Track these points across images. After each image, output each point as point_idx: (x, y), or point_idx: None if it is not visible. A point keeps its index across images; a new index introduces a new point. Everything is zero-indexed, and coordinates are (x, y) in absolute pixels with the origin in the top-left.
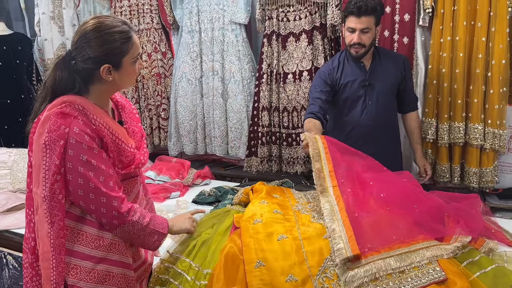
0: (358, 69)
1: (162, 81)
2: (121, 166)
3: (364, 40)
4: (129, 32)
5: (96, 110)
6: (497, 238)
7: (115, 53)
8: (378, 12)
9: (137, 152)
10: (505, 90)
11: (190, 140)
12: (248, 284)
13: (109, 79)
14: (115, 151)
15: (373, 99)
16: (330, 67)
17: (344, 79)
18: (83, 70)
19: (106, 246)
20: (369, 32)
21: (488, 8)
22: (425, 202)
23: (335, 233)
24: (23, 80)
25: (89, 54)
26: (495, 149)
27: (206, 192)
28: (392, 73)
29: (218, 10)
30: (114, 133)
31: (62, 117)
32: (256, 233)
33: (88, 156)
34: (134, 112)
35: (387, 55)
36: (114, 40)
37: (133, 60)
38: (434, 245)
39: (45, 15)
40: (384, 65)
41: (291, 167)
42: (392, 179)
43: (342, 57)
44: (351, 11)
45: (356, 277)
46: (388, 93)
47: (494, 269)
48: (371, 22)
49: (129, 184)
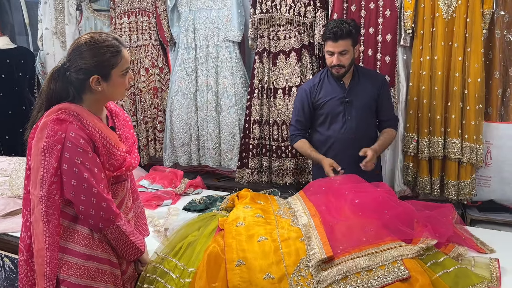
0: (338, 86)
1: (159, 95)
2: (112, 168)
3: (343, 61)
4: (119, 47)
5: (89, 116)
6: (467, 244)
7: (104, 65)
8: (353, 35)
9: (128, 156)
10: (481, 106)
11: (185, 151)
12: (229, 281)
13: (98, 89)
14: (106, 154)
15: (352, 114)
16: (311, 84)
17: (324, 96)
18: (76, 80)
19: (96, 244)
20: (347, 54)
21: (464, 30)
22: (395, 208)
23: (311, 241)
24: (24, 92)
25: (80, 66)
26: (473, 162)
27: (197, 200)
28: (369, 91)
29: (213, 28)
30: (106, 137)
31: (59, 123)
32: (238, 235)
33: (83, 158)
34: (127, 119)
35: (366, 73)
36: (104, 53)
37: (122, 73)
38: (400, 246)
39: (48, 31)
40: (362, 83)
41: (280, 178)
42: (367, 188)
43: (323, 74)
44: (328, 36)
45: (328, 276)
46: (366, 109)
47: (456, 270)
48: (348, 45)
49: (117, 189)
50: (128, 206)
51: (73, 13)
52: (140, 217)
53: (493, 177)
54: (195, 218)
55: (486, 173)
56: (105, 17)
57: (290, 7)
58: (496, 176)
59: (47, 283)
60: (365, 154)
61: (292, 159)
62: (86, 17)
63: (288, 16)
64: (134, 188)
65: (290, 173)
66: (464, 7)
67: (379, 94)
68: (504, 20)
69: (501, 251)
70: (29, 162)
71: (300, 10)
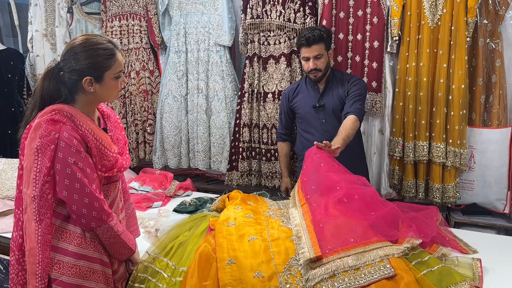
0: (313, 91)
1: (149, 98)
2: (104, 169)
3: (318, 65)
4: (114, 50)
5: (82, 117)
6: (451, 245)
7: (97, 67)
8: (325, 39)
9: (120, 157)
10: (465, 112)
11: (174, 154)
12: (220, 280)
13: (91, 90)
14: (98, 155)
15: (326, 118)
16: (290, 88)
17: (300, 100)
18: (69, 80)
19: (88, 244)
20: (322, 58)
21: (449, 37)
22: (381, 209)
23: (301, 240)
24: (14, 94)
25: (74, 66)
26: (456, 166)
27: (187, 202)
28: (341, 93)
29: (204, 33)
30: (98, 139)
31: (52, 124)
32: (229, 235)
33: (76, 159)
34: (118, 121)
35: (340, 77)
36: (98, 55)
37: (115, 75)
38: (386, 246)
39: (38, 33)
40: (334, 87)
41: (269, 181)
42: (354, 183)
43: (302, 80)
44: (301, 43)
45: (317, 275)
46: (338, 112)
47: (440, 268)
48: (322, 49)
49: (108, 189)
50: (119, 207)
51: (63, 16)
52: (131, 218)
53: (476, 181)
54: (186, 218)
55: (470, 177)
56: (96, 20)
57: (280, 13)
58: (479, 180)
59: (38, 282)
60: None
61: None
62: (77, 19)
63: (278, 22)
64: (125, 189)
65: (280, 176)
66: (449, 16)
67: (347, 91)
68: (487, 28)
69: (483, 251)
70: (22, 162)
71: (290, 16)
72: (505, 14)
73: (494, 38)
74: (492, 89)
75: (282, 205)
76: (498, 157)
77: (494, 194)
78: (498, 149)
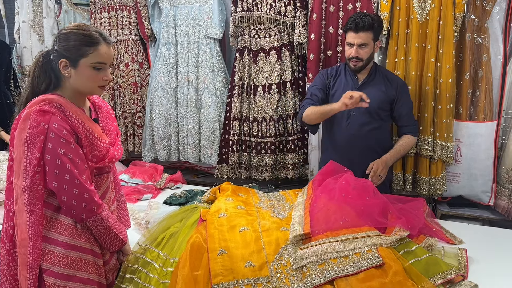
0: (351, 81)
1: (138, 90)
2: (95, 160)
3: (361, 54)
4: (98, 39)
5: (72, 108)
6: (438, 236)
7: (73, 51)
8: (375, 29)
9: (111, 147)
10: (452, 106)
11: (164, 147)
12: (211, 270)
13: (66, 74)
14: (89, 146)
15: (358, 111)
16: (329, 72)
17: (336, 88)
18: (53, 62)
19: (79, 234)
20: (367, 47)
21: (437, 32)
22: (373, 198)
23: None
24: (0, 85)
25: (56, 47)
26: (443, 159)
27: (177, 194)
28: (383, 91)
29: (194, 25)
30: (89, 129)
31: (42, 115)
32: (220, 225)
33: (66, 149)
34: (110, 112)
35: (385, 74)
36: (78, 39)
37: (92, 65)
38: (375, 235)
39: (25, 24)
40: (376, 83)
41: (259, 174)
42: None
43: (341, 67)
44: (349, 26)
45: (304, 255)
46: (374, 109)
47: (427, 258)
48: (369, 38)
49: (100, 180)
50: (111, 198)
51: (51, 7)
52: (122, 209)
53: (463, 174)
54: (177, 210)
55: (456, 169)
56: (84, 11)
57: (270, 6)
58: (465, 172)
59: (29, 272)
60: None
61: (271, 155)
62: (65, 10)
63: (268, 15)
64: (117, 180)
65: (269, 169)
66: (437, 10)
67: (395, 98)
68: (474, 24)
69: (468, 242)
70: (12, 153)
71: (281, 9)
72: (492, 9)
73: (481, 33)
74: (479, 84)
75: (273, 197)
76: (484, 150)
77: (479, 186)
78: (484, 143)
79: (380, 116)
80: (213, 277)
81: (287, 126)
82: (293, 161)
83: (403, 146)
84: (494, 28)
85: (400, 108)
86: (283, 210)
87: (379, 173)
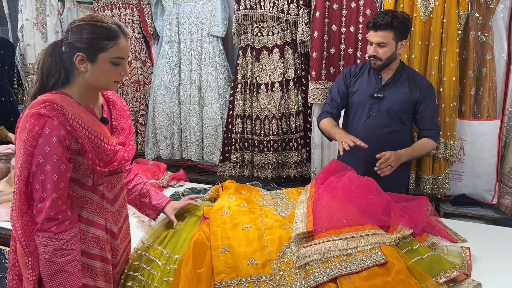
0: (374, 80)
1: (141, 88)
2: (103, 164)
3: (379, 53)
4: (117, 32)
5: (75, 109)
6: (441, 234)
7: (92, 45)
8: (395, 28)
9: (122, 148)
10: (455, 104)
11: (167, 145)
12: (214, 267)
13: (82, 69)
14: (94, 150)
15: (378, 111)
16: (351, 70)
17: (358, 86)
18: (66, 56)
19: (88, 239)
20: (386, 47)
21: (441, 30)
22: (377, 196)
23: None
24: (4, 83)
25: (70, 39)
26: (446, 158)
27: (180, 192)
28: (407, 93)
29: (197, 23)
30: (93, 132)
31: (37, 119)
32: (223, 223)
33: (45, 159)
34: (125, 109)
35: (411, 75)
36: (97, 32)
37: (111, 60)
38: (378, 233)
39: (28, 22)
40: (401, 83)
41: (262, 172)
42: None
43: (365, 65)
44: (369, 25)
45: (307, 254)
46: (395, 110)
47: (430, 256)
48: (388, 37)
49: (113, 180)
50: (125, 202)
51: (54, 5)
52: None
53: (466, 172)
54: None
55: (459, 168)
56: (87, 9)
57: (273, 4)
58: (469, 171)
59: (30, 273)
60: (381, 156)
61: (273, 154)
62: (68, 8)
63: (271, 13)
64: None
65: (272, 167)
66: (441, 9)
67: (419, 100)
68: (478, 22)
69: (472, 241)
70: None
71: (284, 7)
72: (496, 7)
73: (485, 31)
74: (483, 82)
75: (276, 195)
76: (487, 149)
77: (482, 185)
78: (487, 141)
79: (401, 118)
80: (216, 274)
81: (290, 124)
82: (296, 159)
83: (420, 146)
84: (498, 26)
85: (424, 111)
86: (286, 208)
87: (390, 162)
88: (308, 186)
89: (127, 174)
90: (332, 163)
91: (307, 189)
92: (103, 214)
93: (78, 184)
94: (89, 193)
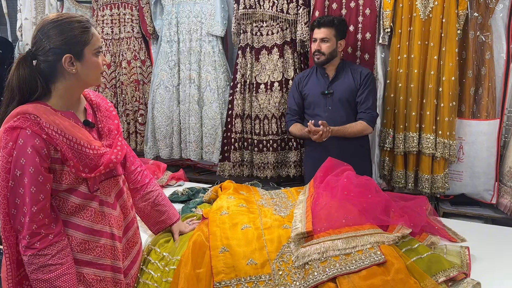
0: (322, 79)
1: (141, 88)
2: (87, 170)
3: (323, 48)
4: (88, 23)
5: (50, 116)
6: (440, 234)
7: (75, 42)
8: (336, 25)
9: (108, 151)
10: (454, 104)
11: (166, 144)
12: (213, 267)
13: (73, 71)
14: (75, 156)
15: (332, 105)
16: (302, 76)
17: (309, 87)
18: (45, 65)
19: (92, 249)
20: (328, 42)
21: (440, 30)
22: (376, 196)
23: (296, 216)
24: (2, 82)
25: (49, 45)
26: (446, 157)
27: (179, 192)
28: (351, 84)
29: (196, 23)
30: (72, 138)
31: (10, 133)
32: (222, 223)
33: (22, 172)
34: (110, 109)
35: (352, 68)
36: (73, 28)
37: (95, 51)
38: (378, 233)
39: (27, 21)
40: (345, 77)
41: (261, 172)
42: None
43: (313, 69)
44: (313, 24)
45: (306, 253)
46: (344, 102)
47: (429, 256)
48: (330, 33)
49: (108, 184)
50: (128, 205)
51: (54, 4)
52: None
53: (465, 172)
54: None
55: (458, 168)
56: (86, 8)
57: (273, 3)
58: (468, 171)
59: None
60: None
61: (273, 153)
62: (67, 8)
63: (271, 12)
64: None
65: (271, 166)
66: (440, 8)
67: (359, 86)
68: (477, 21)
69: (471, 240)
70: None
71: (283, 6)
72: (495, 7)
73: (484, 31)
74: (482, 82)
75: (275, 195)
76: (486, 148)
77: (482, 185)
78: (487, 141)
79: (351, 106)
80: (215, 274)
81: None
82: (295, 159)
83: (350, 126)
84: (497, 26)
85: (360, 95)
86: (285, 208)
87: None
88: (307, 185)
89: (141, 177)
90: (328, 161)
91: (306, 188)
92: (107, 220)
93: (74, 194)
94: (87, 201)
